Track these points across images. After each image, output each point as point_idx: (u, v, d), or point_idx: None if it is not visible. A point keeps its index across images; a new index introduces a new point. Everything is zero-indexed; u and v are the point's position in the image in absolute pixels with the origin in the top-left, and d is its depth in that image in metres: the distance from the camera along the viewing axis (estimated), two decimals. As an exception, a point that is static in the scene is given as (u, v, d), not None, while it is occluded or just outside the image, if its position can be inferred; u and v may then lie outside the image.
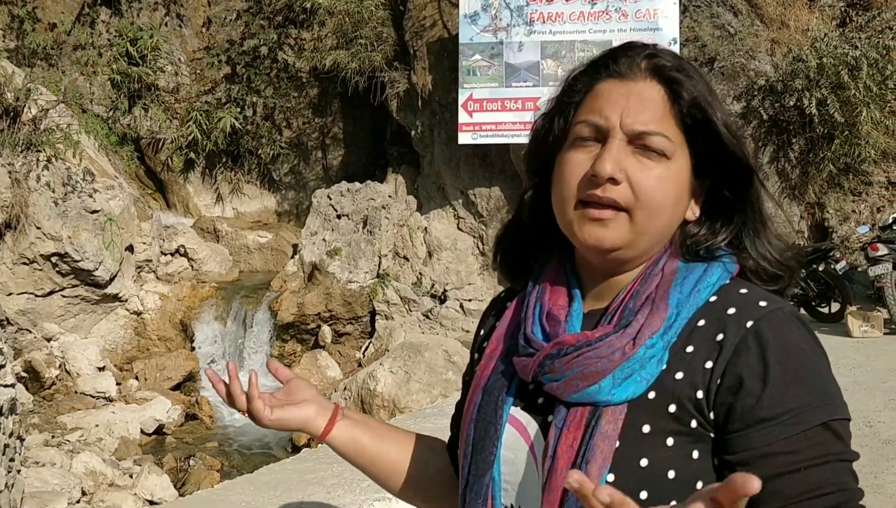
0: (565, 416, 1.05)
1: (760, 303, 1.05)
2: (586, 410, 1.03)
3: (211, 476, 7.29)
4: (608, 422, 1.01)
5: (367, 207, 10.74)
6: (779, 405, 0.98)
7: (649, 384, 1.02)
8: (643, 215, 1.07)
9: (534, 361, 1.09)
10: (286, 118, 13.41)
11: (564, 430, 1.04)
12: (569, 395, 1.05)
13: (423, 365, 8.28)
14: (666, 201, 1.08)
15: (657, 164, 1.07)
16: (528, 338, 1.12)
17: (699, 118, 1.09)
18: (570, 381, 1.05)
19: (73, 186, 9.31)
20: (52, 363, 8.38)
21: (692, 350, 1.03)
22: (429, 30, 11.69)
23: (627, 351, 1.02)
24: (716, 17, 11.05)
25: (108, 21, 13.21)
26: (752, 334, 1.01)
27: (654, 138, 1.07)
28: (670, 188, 1.08)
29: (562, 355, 1.06)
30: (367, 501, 2.19)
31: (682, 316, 1.05)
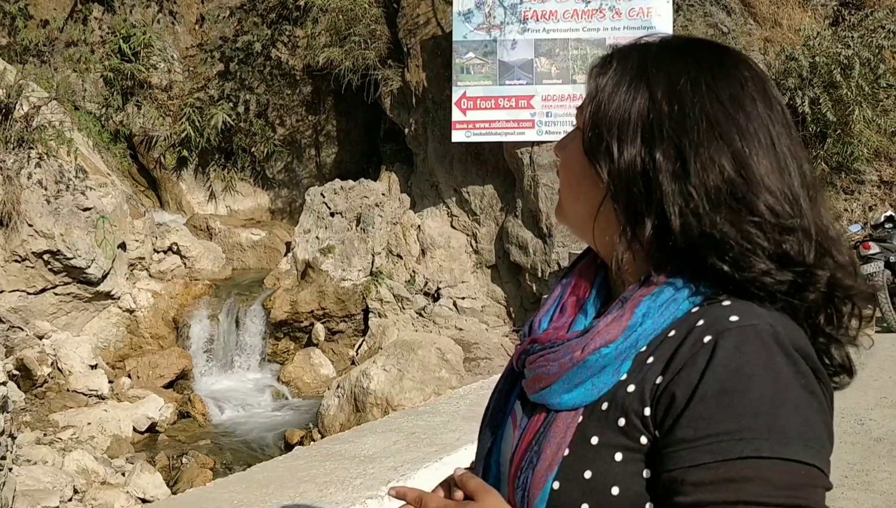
0: (528, 420, 1.05)
1: (732, 317, 0.94)
2: (542, 415, 1.02)
3: (203, 474, 7.29)
4: (559, 429, 0.99)
5: (361, 204, 10.73)
6: (699, 427, 0.90)
7: (602, 394, 0.98)
8: (561, 194, 1.13)
9: (516, 354, 1.11)
10: (279, 116, 13.39)
11: (524, 433, 1.04)
12: (531, 393, 1.05)
13: (416, 363, 8.28)
14: (566, 182, 1.11)
15: (565, 149, 1.12)
16: (531, 327, 1.13)
17: (592, 102, 1.06)
18: (532, 380, 1.05)
19: (65, 183, 9.28)
20: (44, 361, 8.35)
21: (651, 362, 0.97)
22: (422, 27, 11.68)
23: (576, 358, 0.99)
24: (709, 16, 11.07)
25: (101, 18, 13.17)
26: (705, 349, 0.92)
27: (576, 114, 1.12)
28: (568, 166, 1.10)
29: (532, 352, 1.07)
30: (359, 499, 2.19)
31: (647, 325, 0.98)
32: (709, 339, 0.93)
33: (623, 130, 1.01)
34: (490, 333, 10.54)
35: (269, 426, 8.72)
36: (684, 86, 1.00)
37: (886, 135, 10.61)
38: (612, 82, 1.04)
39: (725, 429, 0.88)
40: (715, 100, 0.99)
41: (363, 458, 2.49)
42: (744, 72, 1.03)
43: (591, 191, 1.05)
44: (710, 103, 0.99)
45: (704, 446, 0.89)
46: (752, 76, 1.03)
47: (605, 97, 1.04)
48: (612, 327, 0.99)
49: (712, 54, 1.05)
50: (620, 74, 1.04)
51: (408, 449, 2.55)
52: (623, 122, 1.01)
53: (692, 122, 0.98)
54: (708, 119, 0.98)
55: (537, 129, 10.56)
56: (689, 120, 0.98)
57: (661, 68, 1.02)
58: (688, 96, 0.99)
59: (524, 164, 10.72)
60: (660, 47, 1.06)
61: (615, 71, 1.05)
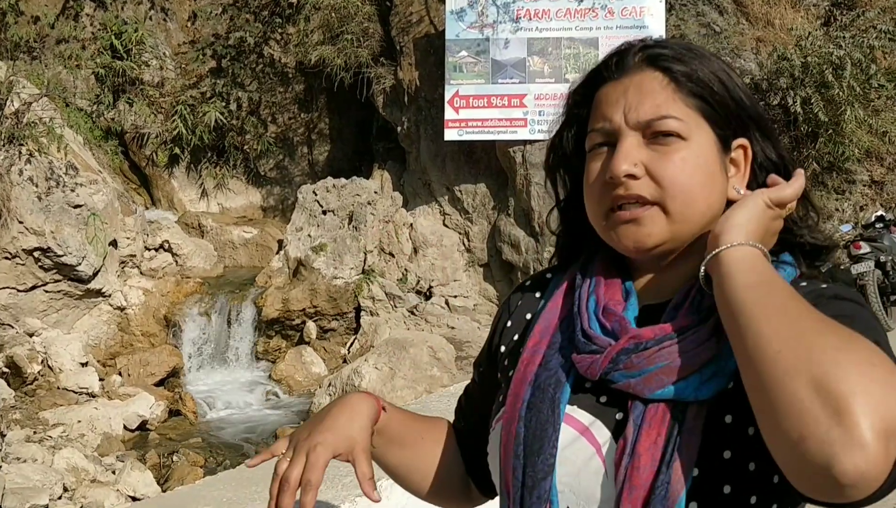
0: (643, 412, 0.99)
1: (822, 285, 1.04)
2: (667, 406, 0.98)
3: (194, 472, 7.28)
4: (694, 416, 0.97)
5: (353, 203, 10.72)
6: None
7: (730, 378, 0.98)
8: (676, 204, 1.04)
9: (604, 357, 1.04)
10: (272, 113, 13.37)
11: (645, 427, 0.99)
12: (651, 391, 0.99)
13: (407, 361, 8.28)
14: (694, 182, 1.05)
15: (675, 147, 1.05)
16: (587, 334, 1.07)
17: (704, 91, 1.07)
18: (653, 376, 1.00)
19: (56, 180, 9.24)
20: (34, 359, 8.33)
21: None
22: (415, 26, 11.67)
23: (713, 348, 0.98)
24: (701, 16, 11.09)
25: (93, 14, 13.12)
26: (810, 294, 0.99)
27: (665, 122, 1.05)
28: (694, 169, 1.05)
29: (640, 349, 1.02)
30: (349, 497, 2.19)
31: None
32: (810, 289, 1.02)
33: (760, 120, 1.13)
34: (482, 331, 10.54)
35: (261, 424, 8.71)
36: (737, 79, 1.11)
37: (878, 135, 10.65)
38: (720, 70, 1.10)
39: (832, 313, 0.92)
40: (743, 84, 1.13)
41: (353, 456, 2.48)
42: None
43: (722, 191, 1.10)
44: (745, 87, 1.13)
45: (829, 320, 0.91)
46: None
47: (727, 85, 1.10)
48: None
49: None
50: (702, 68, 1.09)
51: (398, 447, 2.55)
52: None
53: (761, 112, 1.12)
54: (755, 103, 1.13)
55: (530, 127, 10.57)
56: (760, 111, 1.12)
57: (719, 64, 1.12)
58: (747, 90, 1.12)
59: (517, 162, 10.73)
60: (684, 46, 1.12)
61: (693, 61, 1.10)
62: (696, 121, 1.06)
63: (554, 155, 1.21)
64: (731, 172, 1.10)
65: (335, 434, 1.13)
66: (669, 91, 1.06)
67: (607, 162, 1.07)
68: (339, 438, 1.13)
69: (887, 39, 10.56)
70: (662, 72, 1.07)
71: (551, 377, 1.09)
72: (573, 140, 1.17)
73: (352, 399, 1.21)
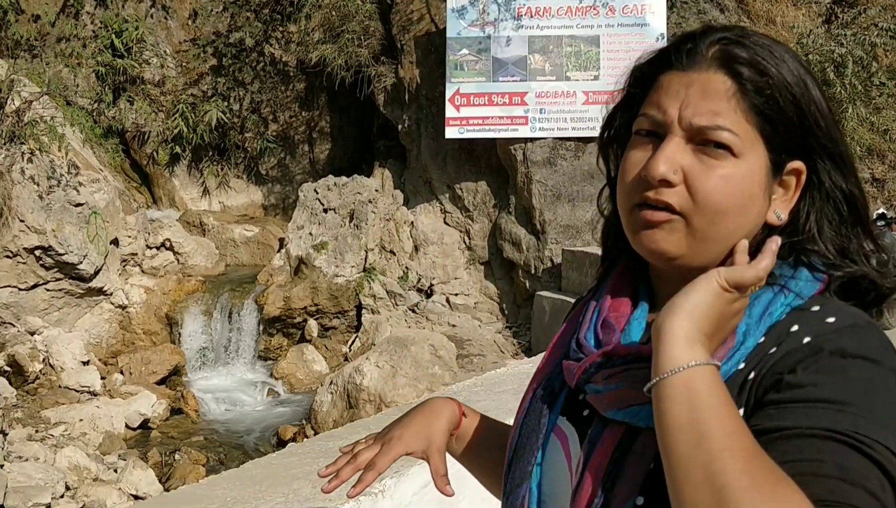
0: (601, 432, 0.97)
1: (828, 319, 0.92)
2: (622, 429, 0.95)
3: (196, 471, 7.28)
4: (647, 444, 0.92)
5: (354, 201, 10.72)
6: (794, 394, 0.86)
7: None
8: (703, 221, 0.97)
9: (579, 367, 1.01)
10: (273, 112, 13.36)
11: (598, 447, 0.97)
12: (607, 410, 0.97)
13: (409, 359, 8.28)
14: (729, 203, 0.96)
15: (722, 162, 0.96)
16: (579, 343, 1.05)
17: (771, 110, 0.97)
18: (613, 395, 0.97)
19: (57, 179, 9.24)
20: (35, 357, 8.33)
21: (752, 377, 0.93)
22: (416, 24, 11.66)
23: None
24: (703, 13, 11.08)
25: (93, 12, 13.11)
26: (807, 346, 0.90)
27: (718, 133, 0.96)
28: (736, 190, 0.96)
29: (609, 365, 0.98)
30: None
31: (749, 344, 0.94)
32: (808, 340, 0.90)
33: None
34: (483, 329, 10.54)
35: (262, 422, 8.71)
36: (818, 94, 0.99)
37: (879, 133, 10.65)
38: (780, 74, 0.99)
39: (824, 398, 0.85)
40: (828, 109, 1.00)
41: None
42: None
43: (761, 214, 1.01)
44: (824, 106, 1.00)
45: (797, 408, 0.85)
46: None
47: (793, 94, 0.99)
48: (717, 349, 0.93)
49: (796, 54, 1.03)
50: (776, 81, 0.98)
51: (401, 446, 2.55)
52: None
53: (834, 133, 1.00)
54: (831, 126, 0.99)
55: (531, 125, 10.56)
56: (833, 131, 1.00)
57: (800, 76, 0.99)
58: (823, 106, 1.00)
59: (517, 160, 10.72)
60: (768, 45, 1.01)
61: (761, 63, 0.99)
62: (752, 139, 0.97)
63: (607, 131, 1.13)
64: (778, 194, 1.01)
65: (412, 433, 1.23)
66: (734, 101, 0.97)
67: (648, 155, 1.00)
68: (415, 437, 1.23)
69: (888, 37, 10.56)
70: (732, 77, 0.97)
71: (548, 386, 1.09)
72: (626, 119, 1.09)
73: (434, 403, 1.30)
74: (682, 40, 1.03)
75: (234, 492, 2.25)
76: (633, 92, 1.08)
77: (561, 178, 10.62)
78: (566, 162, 10.65)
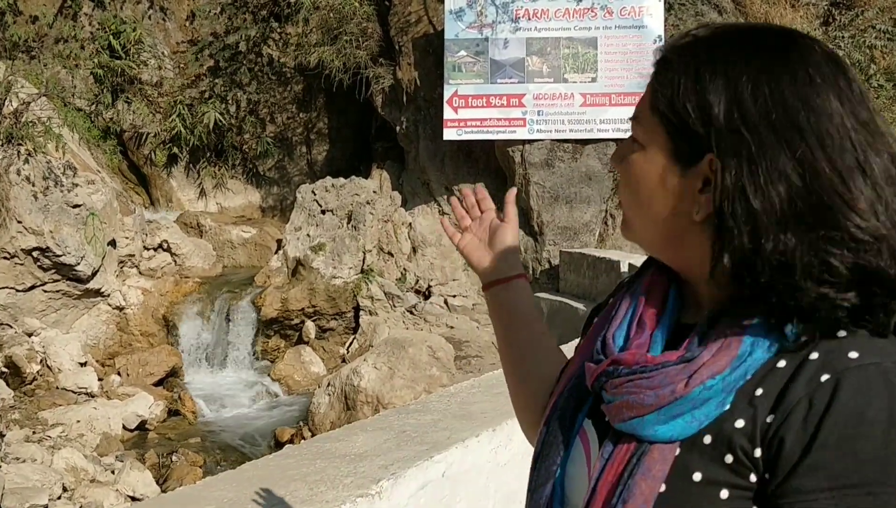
0: (612, 448, 0.95)
1: (851, 353, 0.85)
2: (632, 445, 0.93)
3: (193, 472, 7.28)
4: (655, 461, 0.90)
5: (352, 202, 10.72)
6: (820, 477, 0.82)
7: (703, 426, 0.89)
8: (625, 209, 1.04)
9: (592, 374, 1.00)
10: (270, 113, 13.37)
11: (609, 463, 0.94)
12: (616, 421, 0.95)
13: (406, 361, 8.28)
14: (635, 191, 0.99)
15: (634, 154, 0.99)
16: (604, 342, 1.02)
17: (663, 98, 0.94)
18: (617, 407, 0.94)
19: (54, 180, 9.24)
20: (33, 359, 8.32)
21: (760, 395, 0.88)
22: (414, 26, 11.67)
23: (678, 391, 0.89)
24: (700, 16, 11.10)
25: (91, 14, 13.11)
26: (822, 390, 0.84)
27: (632, 123, 1.00)
28: (638, 179, 0.98)
29: (615, 375, 0.96)
30: (349, 497, 2.19)
31: (757, 356, 0.88)
32: (826, 378, 0.84)
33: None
34: (481, 331, 10.54)
35: (260, 424, 8.71)
36: (743, 89, 0.90)
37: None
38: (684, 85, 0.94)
39: (850, 482, 0.81)
40: (778, 102, 0.88)
41: (353, 456, 2.49)
42: (811, 61, 0.91)
43: (668, 205, 0.96)
44: (773, 106, 0.88)
45: (827, 499, 0.82)
46: (821, 63, 0.91)
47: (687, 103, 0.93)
48: (718, 357, 0.89)
49: (774, 46, 0.92)
50: (684, 75, 0.93)
51: (398, 448, 2.55)
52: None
53: (753, 129, 0.88)
54: (771, 125, 0.88)
55: (528, 127, 10.57)
56: (750, 128, 0.88)
57: (717, 71, 0.91)
58: (747, 102, 0.89)
59: (515, 162, 10.73)
60: (713, 44, 0.95)
61: (680, 72, 0.94)
62: (652, 128, 0.96)
63: None
64: (690, 187, 0.94)
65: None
66: (648, 92, 0.98)
67: None
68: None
69: (886, 39, 10.58)
70: (654, 69, 0.98)
71: (578, 385, 1.06)
72: None
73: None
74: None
75: (231, 494, 2.25)
76: None
77: (559, 180, 10.63)
78: (564, 164, 10.66)
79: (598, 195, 10.69)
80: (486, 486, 2.69)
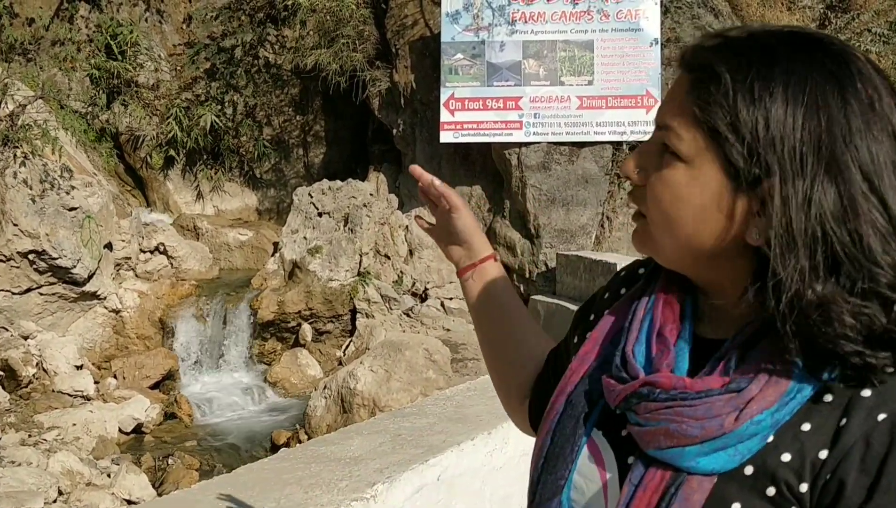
0: (643, 474, 0.91)
1: (880, 419, 0.83)
2: (667, 473, 0.89)
3: (189, 476, 7.27)
4: (693, 490, 0.87)
5: (349, 205, 10.71)
6: None
7: (745, 459, 0.87)
8: (654, 226, 0.95)
9: (620, 394, 0.95)
10: (267, 116, 13.36)
11: (640, 491, 0.91)
12: (648, 447, 0.91)
13: (403, 364, 8.27)
14: (675, 209, 0.91)
15: (672, 167, 0.91)
16: (625, 358, 0.97)
17: (720, 115, 0.87)
18: (653, 433, 0.90)
19: (50, 182, 9.22)
20: (28, 362, 8.30)
21: (808, 430, 0.85)
22: (410, 28, 11.68)
23: (727, 425, 0.86)
24: (697, 18, 11.11)
25: (88, 16, 13.10)
26: (880, 430, 0.82)
27: (666, 134, 0.92)
28: (683, 196, 0.90)
29: (650, 398, 0.91)
30: (344, 501, 2.19)
31: (805, 393, 0.86)
32: (883, 417, 0.82)
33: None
34: (477, 334, 10.53)
35: (256, 427, 8.70)
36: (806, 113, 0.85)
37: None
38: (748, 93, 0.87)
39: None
40: (836, 129, 0.84)
41: (349, 460, 2.48)
42: (868, 84, 0.86)
43: (718, 226, 0.90)
44: (828, 132, 0.84)
45: None
46: (879, 88, 0.86)
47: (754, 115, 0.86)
48: (767, 392, 0.86)
49: (830, 63, 0.86)
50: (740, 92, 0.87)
51: (394, 451, 2.55)
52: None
53: (812, 154, 0.84)
54: (828, 151, 0.83)
55: (525, 130, 10.58)
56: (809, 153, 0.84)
57: (777, 90, 0.86)
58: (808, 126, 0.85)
59: (512, 165, 10.73)
60: (766, 57, 0.87)
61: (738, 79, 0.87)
62: (701, 145, 0.90)
63: None
64: (748, 209, 0.89)
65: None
66: (684, 105, 0.91)
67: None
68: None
69: (882, 43, 10.60)
70: (689, 80, 0.91)
71: (584, 394, 1.03)
72: None
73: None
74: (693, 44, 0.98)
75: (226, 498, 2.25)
76: None
77: (555, 182, 10.63)
78: (560, 167, 10.66)
79: (594, 198, 10.69)
80: (482, 490, 2.69)
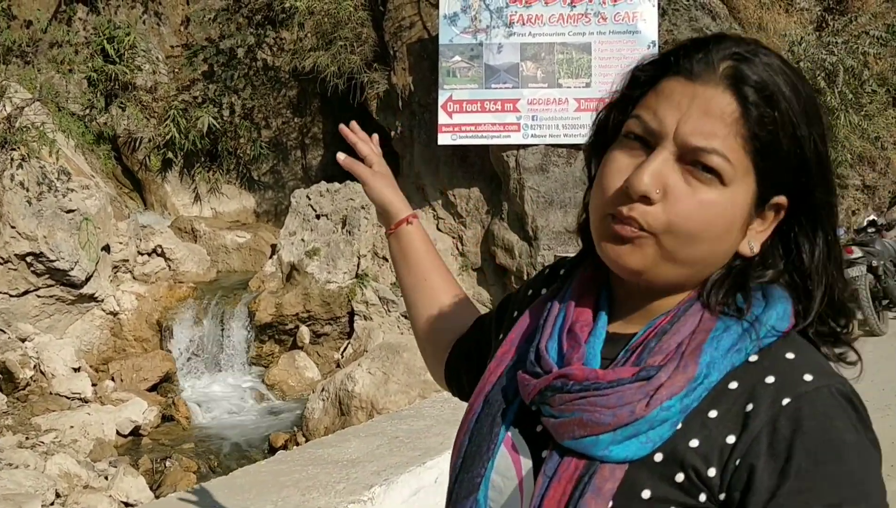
0: (557, 465, 0.92)
1: (805, 377, 0.88)
2: (581, 463, 0.91)
3: (187, 478, 7.26)
4: (605, 479, 0.89)
5: (347, 207, 10.71)
6: (797, 502, 0.83)
7: (656, 447, 0.89)
8: (674, 243, 0.92)
9: (534, 388, 0.96)
10: (265, 118, 13.36)
11: (554, 481, 0.92)
12: (562, 439, 0.93)
13: (401, 366, 8.27)
14: (706, 230, 0.91)
15: (707, 188, 0.90)
16: (539, 354, 0.99)
17: (770, 145, 0.91)
18: (567, 424, 0.92)
19: (48, 185, 9.22)
20: (26, 364, 8.29)
21: (715, 417, 0.89)
22: (408, 30, 11.68)
23: (638, 411, 0.88)
24: (694, 21, 11.12)
25: (85, 18, 13.09)
26: (786, 416, 0.86)
27: (710, 157, 0.90)
28: (716, 217, 0.91)
29: (564, 390, 0.93)
30: (341, 503, 2.19)
31: (712, 378, 0.90)
32: (787, 402, 0.87)
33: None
34: (475, 336, 10.54)
35: (254, 429, 8.69)
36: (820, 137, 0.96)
37: (870, 140, 10.69)
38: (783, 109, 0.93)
39: (826, 502, 0.82)
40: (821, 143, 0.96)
41: (346, 462, 2.48)
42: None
43: (734, 243, 0.96)
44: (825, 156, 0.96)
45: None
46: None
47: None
48: (675, 378, 0.89)
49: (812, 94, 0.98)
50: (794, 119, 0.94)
51: (391, 454, 2.55)
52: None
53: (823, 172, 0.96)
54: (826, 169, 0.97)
55: (523, 132, 10.58)
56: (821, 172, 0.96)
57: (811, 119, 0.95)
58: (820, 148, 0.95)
59: (510, 167, 10.73)
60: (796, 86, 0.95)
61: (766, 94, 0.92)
62: (745, 169, 0.92)
63: (596, 136, 1.05)
64: (755, 225, 0.96)
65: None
66: (735, 127, 0.90)
67: (633, 163, 0.93)
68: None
69: (879, 45, 10.61)
70: (738, 100, 0.90)
71: (500, 393, 1.04)
72: (619, 122, 1.00)
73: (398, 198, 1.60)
74: (693, 47, 0.96)
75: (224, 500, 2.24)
76: (629, 94, 1.00)
77: (553, 184, 10.64)
78: (558, 169, 10.67)
79: (592, 200, 10.69)
80: (480, 492, 2.69)
